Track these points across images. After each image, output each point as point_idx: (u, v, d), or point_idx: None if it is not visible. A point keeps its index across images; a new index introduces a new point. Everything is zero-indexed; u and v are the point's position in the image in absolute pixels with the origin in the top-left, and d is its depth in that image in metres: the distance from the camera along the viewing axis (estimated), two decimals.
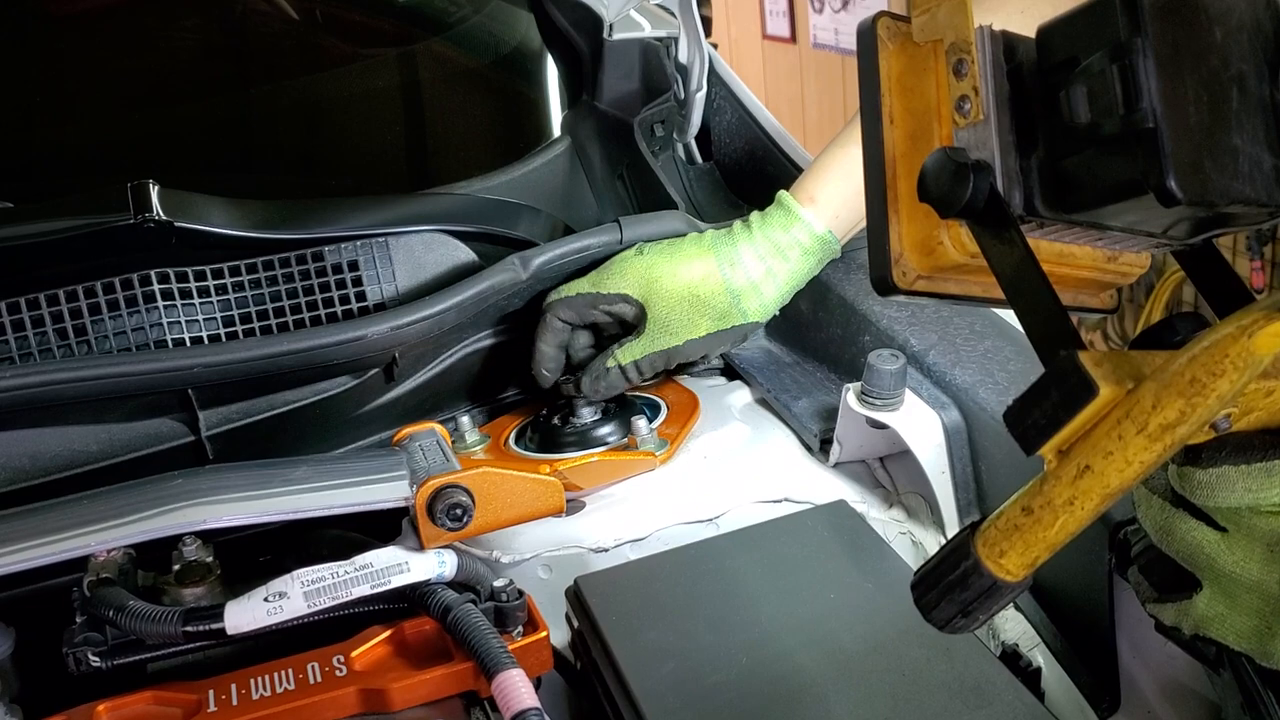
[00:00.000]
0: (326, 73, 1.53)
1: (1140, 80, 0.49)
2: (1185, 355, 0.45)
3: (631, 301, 1.13)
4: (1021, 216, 0.54)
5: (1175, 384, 0.45)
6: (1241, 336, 0.44)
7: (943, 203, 0.54)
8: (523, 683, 0.75)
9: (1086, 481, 0.48)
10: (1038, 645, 0.94)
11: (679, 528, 1.06)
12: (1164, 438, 0.46)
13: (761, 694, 0.82)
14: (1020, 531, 0.51)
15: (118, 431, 1.02)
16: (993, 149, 0.54)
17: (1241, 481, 0.54)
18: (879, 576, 0.93)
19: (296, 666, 0.81)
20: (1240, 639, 0.60)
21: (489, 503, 0.87)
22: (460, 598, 0.83)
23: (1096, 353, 0.47)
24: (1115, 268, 0.61)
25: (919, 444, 1.02)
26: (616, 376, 1.14)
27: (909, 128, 0.58)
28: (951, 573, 0.53)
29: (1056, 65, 0.53)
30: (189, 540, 0.87)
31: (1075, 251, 0.59)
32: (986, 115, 0.54)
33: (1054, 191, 0.54)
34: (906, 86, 0.58)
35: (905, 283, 0.58)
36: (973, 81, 0.54)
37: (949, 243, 0.56)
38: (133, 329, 1.04)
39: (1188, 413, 0.45)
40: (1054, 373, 0.47)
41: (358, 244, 1.12)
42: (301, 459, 0.95)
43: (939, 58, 0.56)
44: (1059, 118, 0.53)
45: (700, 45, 1.37)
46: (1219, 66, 0.51)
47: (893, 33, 0.58)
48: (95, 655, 0.80)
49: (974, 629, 0.55)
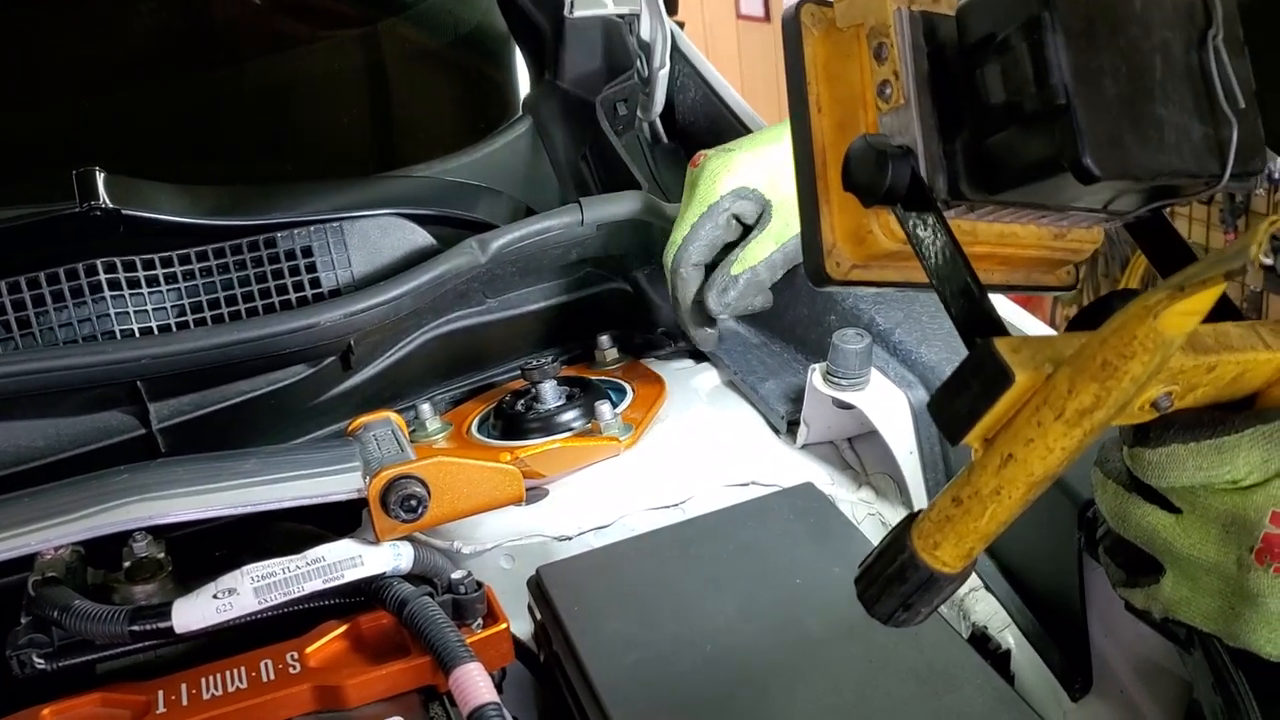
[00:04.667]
0: (283, 54, 1.51)
1: (1050, 56, 0.47)
2: (1096, 338, 0.44)
3: (750, 195, 1.06)
4: (946, 201, 0.53)
5: (1088, 368, 0.44)
6: (1147, 317, 0.43)
7: (865, 191, 0.53)
8: (481, 677, 0.73)
9: (1011, 470, 0.47)
10: (1008, 626, 0.93)
11: (644, 514, 1.04)
12: (1082, 423, 0.45)
13: (725, 682, 0.80)
14: (952, 523, 0.50)
15: (65, 426, 0.99)
16: (915, 133, 0.52)
17: (1192, 460, 0.53)
18: (846, 560, 0.91)
19: (249, 664, 0.79)
20: (1206, 620, 0.59)
21: (445, 493, 0.84)
22: (417, 590, 0.80)
23: (1015, 339, 0.47)
24: (1065, 245, 0.60)
25: (885, 424, 1.00)
26: (748, 283, 1.07)
27: (836, 116, 0.57)
28: (889, 566, 0.52)
29: (976, 44, 0.52)
30: (139, 536, 0.84)
31: (1019, 231, 0.58)
32: (908, 99, 0.53)
33: (979, 173, 0.53)
34: (832, 74, 0.57)
35: (840, 273, 0.57)
36: (893, 65, 0.53)
37: (879, 231, 0.55)
38: (80, 320, 1.02)
39: (1103, 397, 0.44)
40: (972, 361, 0.47)
41: (311, 229, 1.10)
42: (251, 451, 0.92)
43: (861, 42, 0.55)
44: (979, 98, 0.51)
45: (663, 22, 1.35)
46: (1140, 36, 0.49)
47: (817, 19, 0.57)
48: (40, 657, 0.78)
49: (917, 622, 0.54)
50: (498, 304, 1.21)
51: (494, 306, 1.21)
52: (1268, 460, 0.52)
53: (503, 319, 1.22)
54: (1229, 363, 0.51)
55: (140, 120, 1.42)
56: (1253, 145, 0.51)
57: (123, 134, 1.40)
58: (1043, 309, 3.63)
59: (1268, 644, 0.56)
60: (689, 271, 1.09)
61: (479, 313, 1.19)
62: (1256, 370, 0.53)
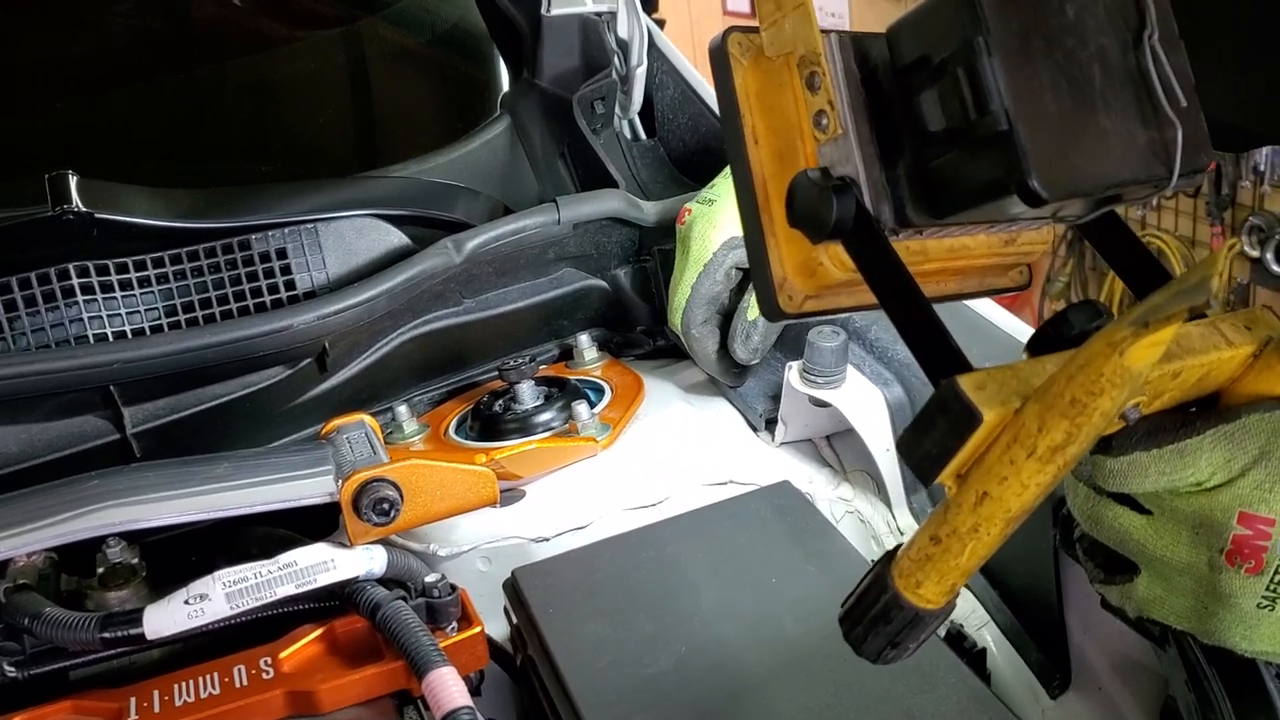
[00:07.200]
0: (261, 54, 1.49)
1: (987, 81, 0.46)
2: (1064, 375, 0.43)
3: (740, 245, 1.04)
4: (894, 229, 0.52)
5: (1057, 405, 0.43)
6: (1113, 354, 0.42)
7: (812, 227, 0.51)
8: (454, 681, 0.73)
9: (987, 508, 0.46)
10: (986, 624, 0.93)
11: (622, 514, 1.04)
12: (1056, 459, 0.44)
13: (700, 683, 0.80)
14: (932, 561, 0.48)
15: (38, 431, 0.98)
16: (856, 163, 0.51)
17: (1154, 466, 0.52)
18: (822, 559, 0.91)
19: (222, 670, 0.78)
20: (1180, 619, 0.59)
21: (418, 495, 0.84)
22: (390, 595, 0.80)
23: (979, 374, 0.45)
24: (1016, 249, 0.59)
25: (862, 421, 1.00)
26: (768, 326, 1.09)
27: (774, 146, 0.54)
28: (873, 607, 0.51)
29: (909, 66, 0.50)
30: (113, 543, 0.84)
31: (969, 243, 0.57)
32: (845, 129, 0.51)
33: (924, 197, 0.51)
34: (766, 105, 0.54)
35: (794, 306, 0.55)
36: (827, 95, 0.51)
37: (829, 262, 0.53)
38: (52, 325, 1.01)
39: (1074, 433, 0.43)
40: (937, 401, 0.45)
41: (286, 231, 1.09)
42: (223, 455, 0.92)
43: (793, 71, 0.52)
44: (919, 124, 0.50)
45: (640, 20, 1.34)
46: (1076, 46, 0.48)
47: (745, 48, 0.55)
48: (11, 665, 0.77)
49: (906, 657, 0.52)
50: (475, 304, 1.20)
51: (471, 307, 1.20)
52: (1230, 460, 0.52)
53: (480, 319, 1.21)
54: (1193, 366, 0.50)
55: (117, 121, 1.41)
56: (1197, 143, 0.50)
57: (99, 136, 1.39)
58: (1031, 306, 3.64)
59: (1243, 640, 0.56)
60: (700, 331, 1.11)
61: (456, 313, 1.18)
62: (1220, 368, 0.52)
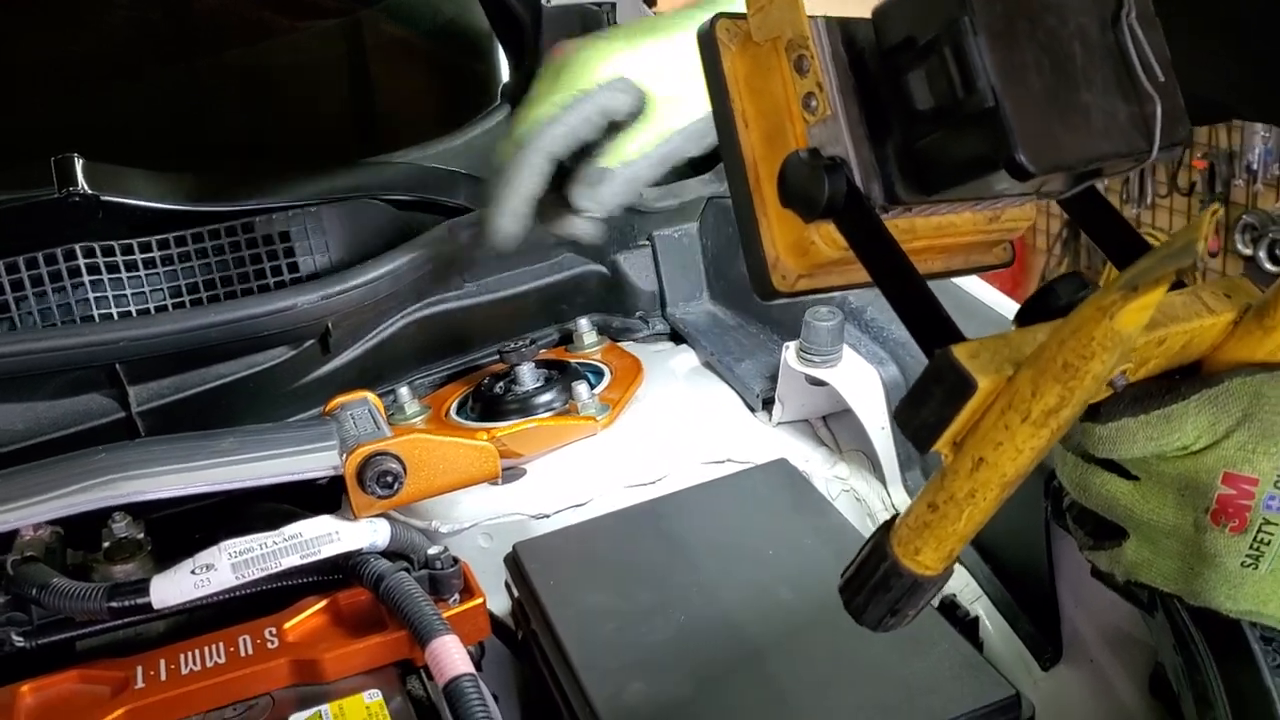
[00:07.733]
0: (264, 43, 1.51)
1: (973, 60, 0.47)
2: (1055, 340, 0.44)
3: (627, 89, 0.88)
4: (884, 207, 0.53)
5: (1049, 370, 0.44)
6: (1103, 318, 0.43)
7: (804, 207, 0.52)
8: (456, 648, 0.74)
9: (983, 474, 0.47)
10: (979, 598, 0.94)
11: (621, 492, 1.05)
12: (1049, 423, 0.45)
13: (699, 652, 0.81)
14: (930, 528, 0.50)
15: (44, 409, 0.99)
16: (846, 144, 0.52)
17: (1142, 431, 0.54)
18: (818, 532, 0.92)
19: (227, 640, 0.79)
20: (1167, 581, 0.60)
21: (421, 469, 0.85)
22: (393, 566, 0.81)
23: (972, 343, 0.47)
24: (1000, 226, 0.60)
25: (858, 400, 1.01)
26: (626, 180, 0.89)
27: (763, 129, 0.56)
28: (873, 575, 0.52)
29: (895, 47, 0.52)
30: (119, 517, 0.85)
31: (955, 221, 0.58)
32: (834, 110, 0.52)
33: (913, 175, 0.53)
34: (755, 88, 0.56)
35: (786, 285, 0.57)
36: (815, 77, 0.52)
37: (820, 241, 0.55)
38: (59, 306, 1.03)
39: (1067, 397, 0.44)
40: (932, 370, 0.46)
41: (290, 214, 1.10)
42: (229, 430, 0.93)
43: (781, 55, 0.54)
44: (907, 103, 0.51)
45: (641, 10, 1.36)
46: (1057, 25, 0.50)
47: (733, 34, 0.56)
48: (19, 635, 0.78)
49: (906, 624, 0.54)
50: (476, 288, 1.22)
51: (473, 290, 1.21)
52: (1215, 423, 0.53)
53: (481, 303, 1.22)
54: (1177, 333, 0.52)
55: (121, 110, 1.42)
56: (1175, 117, 0.52)
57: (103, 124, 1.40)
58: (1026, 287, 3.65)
59: (1228, 600, 0.58)
60: (540, 161, 0.90)
61: (458, 296, 1.20)
62: (1202, 335, 0.54)
